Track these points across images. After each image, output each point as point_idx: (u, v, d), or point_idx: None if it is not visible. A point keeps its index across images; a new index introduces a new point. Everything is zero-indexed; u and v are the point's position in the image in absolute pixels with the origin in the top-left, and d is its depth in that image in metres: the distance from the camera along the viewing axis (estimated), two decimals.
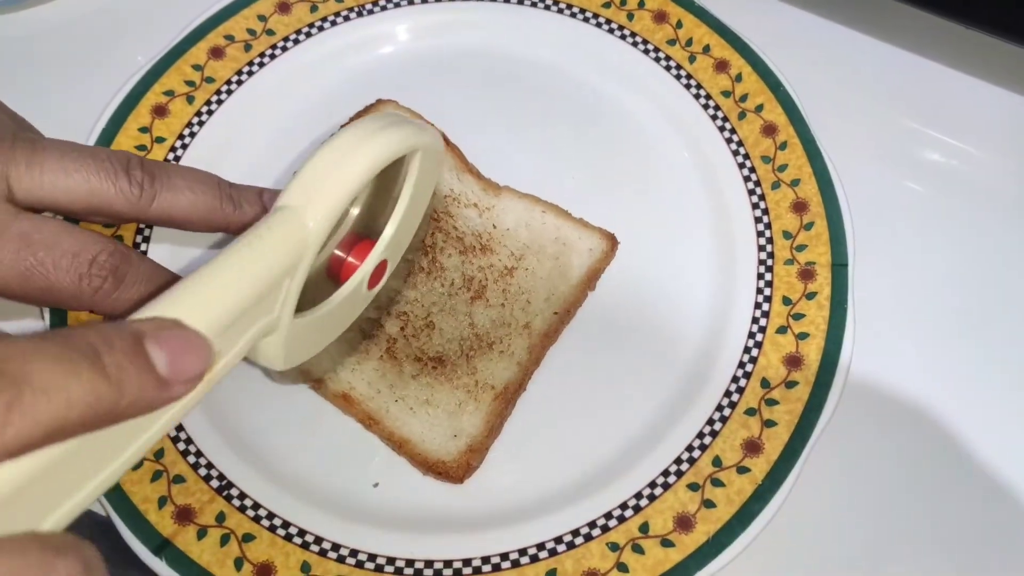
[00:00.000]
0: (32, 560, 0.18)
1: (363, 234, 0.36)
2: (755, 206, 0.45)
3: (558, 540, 0.38)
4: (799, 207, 0.44)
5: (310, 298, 0.32)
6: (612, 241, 0.44)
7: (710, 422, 0.40)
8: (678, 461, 0.39)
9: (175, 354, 0.22)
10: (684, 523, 0.37)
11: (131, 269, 0.34)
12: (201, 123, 0.47)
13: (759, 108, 0.46)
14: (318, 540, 0.38)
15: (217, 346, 0.25)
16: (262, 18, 0.49)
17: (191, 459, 0.39)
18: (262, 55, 0.48)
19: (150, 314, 0.24)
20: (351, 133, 0.31)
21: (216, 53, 0.48)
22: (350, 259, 0.35)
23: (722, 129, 0.47)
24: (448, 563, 0.37)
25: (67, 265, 0.33)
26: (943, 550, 0.39)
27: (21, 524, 0.20)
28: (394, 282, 0.40)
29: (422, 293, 0.42)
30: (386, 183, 0.35)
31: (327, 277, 0.35)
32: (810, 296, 0.42)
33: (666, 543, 0.37)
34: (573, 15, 0.49)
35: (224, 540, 0.37)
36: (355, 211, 0.36)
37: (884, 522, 0.40)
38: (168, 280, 0.35)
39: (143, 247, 0.44)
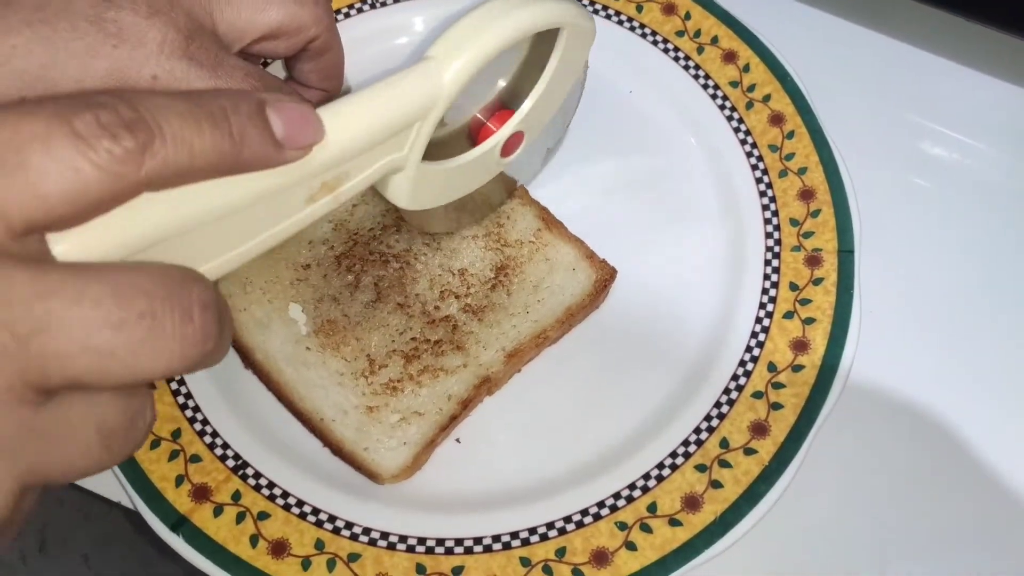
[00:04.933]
0: (170, 280, 0.22)
1: (507, 104, 0.38)
2: (762, 194, 0.45)
3: (567, 519, 0.38)
4: (806, 195, 0.44)
5: (448, 153, 0.35)
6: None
7: (718, 405, 0.40)
8: (686, 443, 0.40)
9: (291, 123, 0.25)
10: (692, 503, 0.38)
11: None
12: None
13: (766, 98, 0.47)
14: (332, 518, 0.38)
15: (345, 167, 0.28)
16: None
17: (207, 439, 0.40)
18: None
19: None
20: (503, 1, 0.33)
21: None
22: (489, 124, 0.37)
23: (730, 119, 0.47)
24: (459, 541, 0.38)
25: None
26: (947, 533, 0.40)
27: (178, 262, 0.23)
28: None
29: (389, 334, 0.41)
30: (535, 59, 0.37)
31: (466, 138, 0.38)
32: (817, 282, 0.42)
33: (674, 522, 0.38)
34: (583, 7, 0.50)
35: (240, 518, 0.38)
36: (503, 81, 0.38)
37: (888, 506, 0.40)
38: None
39: None
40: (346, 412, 0.40)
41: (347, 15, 0.50)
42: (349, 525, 0.38)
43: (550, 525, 0.38)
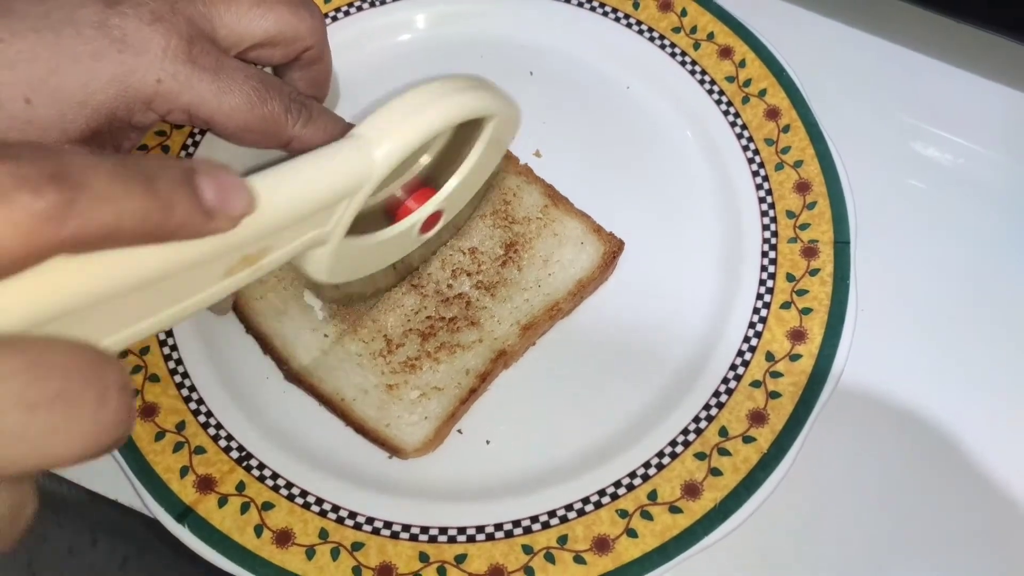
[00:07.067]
0: (86, 359, 0.19)
1: (428, 182, 0.37)
2: (759, 187, 0.46)
3: (568, 507, 0.39)
4: (802, 187, 0.45)
5: (365, 228, 0.34)
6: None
7: (716, 394, 0.41)
8: (685, 431, 0.40)
9: (222, 190, 0.24)
10: (691, 490, 0.38)
11: (315, 107, 0.39)
12: None
13: (762, 93, 0.48)
14: (335, 508, 0.39)
15: (270, 240, 0.27)
16: None
17: (211, 431, 0.40)
18: None
19: None
20: (437, 86, 0.33)
21: None
22: (409, 202, 0.37)
23: (726, 113, 0.48)
24: (462, 530, 0.38)
25: (277, 93, 0.37)
26: (943, 521, 0.40)
27: (82, 335, 0.21)
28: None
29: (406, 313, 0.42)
30: (459, 140, 0.37)
31: (384, 213, 0.37)
32: (813, 272, 0.43)
33: (674, 509, 0.38)
34: (581, 4, 0.51)
35: (244, 508, 0.38)
36: (425, 159, 0.37)
37: (886, 493, 0.40)
38: (342, 127, 0.39)
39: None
40: (366, 391, 0.40)
41: (346, 13, 0.50)
42: (353, 515, 0.39)
43: (552, 513, 0.38)
